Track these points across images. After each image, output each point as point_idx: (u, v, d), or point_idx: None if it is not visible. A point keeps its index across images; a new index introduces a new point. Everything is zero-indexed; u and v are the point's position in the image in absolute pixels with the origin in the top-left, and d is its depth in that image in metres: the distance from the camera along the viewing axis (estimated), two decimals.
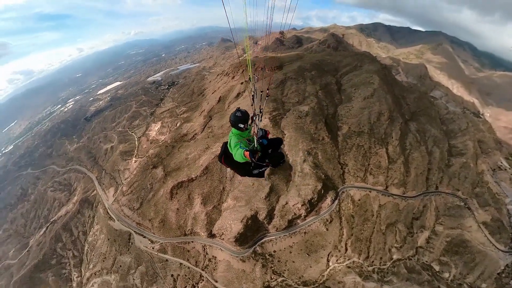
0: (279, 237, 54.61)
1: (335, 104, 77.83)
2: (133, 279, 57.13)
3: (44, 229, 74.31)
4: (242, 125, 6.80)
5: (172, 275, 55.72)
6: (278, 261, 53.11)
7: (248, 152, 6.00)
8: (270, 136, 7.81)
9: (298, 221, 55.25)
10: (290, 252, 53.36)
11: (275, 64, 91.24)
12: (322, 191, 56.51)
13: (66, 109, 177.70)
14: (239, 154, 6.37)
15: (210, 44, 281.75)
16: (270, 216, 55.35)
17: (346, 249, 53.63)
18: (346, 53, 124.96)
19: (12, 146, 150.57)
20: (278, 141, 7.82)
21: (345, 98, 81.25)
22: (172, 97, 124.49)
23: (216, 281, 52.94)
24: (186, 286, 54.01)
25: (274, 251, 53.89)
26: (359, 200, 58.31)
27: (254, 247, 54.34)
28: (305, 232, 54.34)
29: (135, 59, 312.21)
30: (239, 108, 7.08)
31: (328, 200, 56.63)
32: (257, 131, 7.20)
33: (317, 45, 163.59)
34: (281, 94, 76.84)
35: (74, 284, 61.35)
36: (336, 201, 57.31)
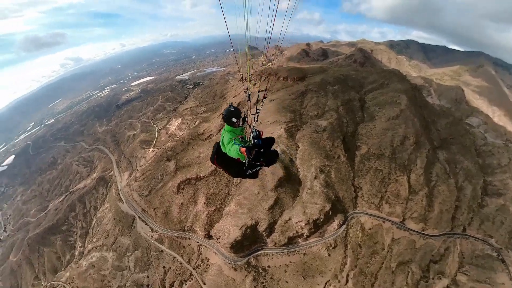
0: (276, 253, 48.94)
1: (356, 122, 69.83)
2: (128, 261, 55.94)
3: (63, 197, 77.90)
4: (235, 120, 6.46)
5: (164, 267, 53.29)
6: (271, 278, 47.43)
7: (245, 149, 5.44)
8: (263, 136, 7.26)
9: (299, 240, 49.05)
10: (285, 271, 47.36)
11: (297, 75, 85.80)
12: (330, 212, 49.59)
13: (102, 94, 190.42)
14: (234, 150, 5.80)
15: (237, 51, 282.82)
16: (270, 229, 49.99)
17: (347, 281, 46.00)
18: (373, 69, 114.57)
19: (53, 120, 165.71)
20: (271, 140, 7.34)
21: (368, 117, 72.72)
22: (195, 97, 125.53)
23: (204, 283, 49.01)
24: (174, 281, 51.08)
25: (269, 266, 48.35)
26: (369, 229, 50.19)
27: (248, 257, 49.38)
28: (304, 253, 47.95)
29: (168, 58, 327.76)
30: (231, 103, 7.08)
31: (335, 224, 49.52)
32: (252, 131, 6.77)
33: (343, 59, 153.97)
34: (300, 105, 71.04)
35: (76, 253, 62.46)
36: (344, 226, 49.93)
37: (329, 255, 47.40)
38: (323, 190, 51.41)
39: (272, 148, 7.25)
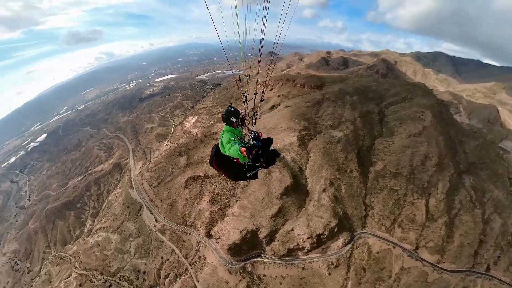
0: (274, 262, 46.32)
1: (374, 136, 64.70)
2: (130, 246, 56.87)
3: (81, 177, 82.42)
4: (234, 119, 6.42)
5: (162, 257, 53.21)
6: (265, 287, 44.88)
7: (245, 149, 5.28)
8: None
9: (299, 253, 45.96)
10: (280, 283, 44.52)
11: (315, 83, 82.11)
12: (336, 229, 45.86)
13: (128, 87, 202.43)
14: (234, 150, 5.59)
15: (257, 55, 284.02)
16: (271, 237, 47.52)
17: None
18: (396, 81, 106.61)
19: (83, 106, 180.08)
20: (269, 141, 7.14)
21: (387, 132, 67.17)
22: (213, 97, 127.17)
23: (198, 281, 47.87)
24: (170, 273, 50.64)
25: (264, 275, 45.86)
26: (377, 253, 45.54)
27: (245, 262, 47.34)
28: (303, 268, 44.75)
29: (191, 58, 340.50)
30: (231, 104, 7.18)
31: (340, 242, 45.67)
32: (250, 132, 6.84)
33: (364, 70, 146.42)
34: (315, 114, 67.49)
35: (85, 230, 65.18)
36: (349, 246, 45.86)
37: (329, 274, 43.72)
38: (331, 205, 47.78)
39: (273, 149, 6.99)
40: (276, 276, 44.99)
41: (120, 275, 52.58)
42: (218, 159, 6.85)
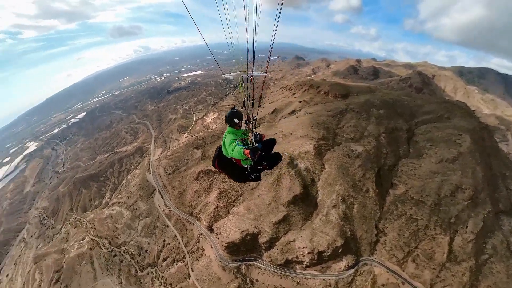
0: (269, 270, 44.68)
1: (398, 156, 58.75)
2: (138, 224, 60.12)
3: (108, 154, 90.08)
4: (237, 121, 6.55)
5: (164, 241, 55.07)
6: None
7: (249, 151, 5.17)
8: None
9: (297, 266, 43.60)
10: None
11: (339, 91, 77.29)
12: (341, 249, 42.48)
13: (159, 79, 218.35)
14: (237, 152, 5.54)
15: (284, 59, 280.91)
16: (270, 244, 45.91)
17: None
18: (432, 98, 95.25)
19: (118, 92, 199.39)
20: (272, 142, 6.99)
21: (414, 153, 60.38)
22: (235, 96, 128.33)
23: (192, 270, 48.53)
24: (168, 257, 52.28)
25: (257, 280, 44.51)
26: (383, 285, 41.05)
27: (240, 263, 46.56)
28: (298, 283, 42.32)
29: (219, 57, 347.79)
30: (234, 106, 7.66)
31: (342, 264, 42.22)
32: (253, 134, 6.82)
33: (396, 82, 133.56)
34: (336, 124, 63.48)
35: (103, 201, 71.04)
36: (352, 271, 42.14)
37: None
38: (340, 223, 44.41)
39: (276, 152, 6.89)
40: (268, 284, 43.36)
41: (125, 248, 55.81)
42: (221, 161, 6.80)
